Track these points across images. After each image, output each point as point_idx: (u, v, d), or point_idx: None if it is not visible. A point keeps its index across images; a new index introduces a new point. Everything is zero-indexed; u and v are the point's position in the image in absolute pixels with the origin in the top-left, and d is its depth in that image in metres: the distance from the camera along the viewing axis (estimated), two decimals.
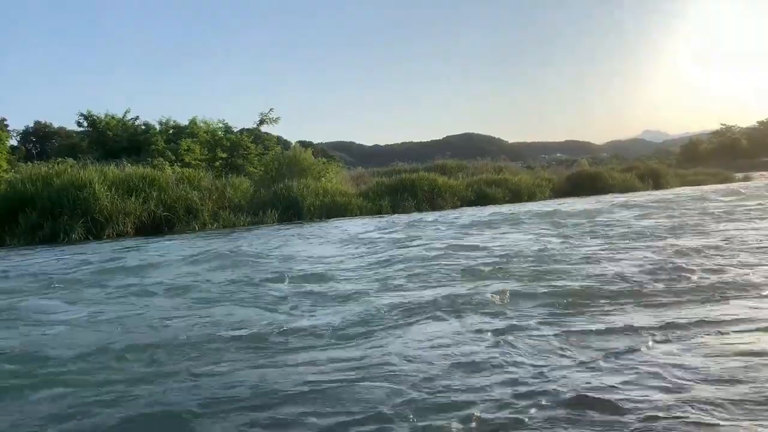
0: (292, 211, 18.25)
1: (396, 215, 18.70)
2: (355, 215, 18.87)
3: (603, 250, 7.72)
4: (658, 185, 32.73)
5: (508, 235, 10.17)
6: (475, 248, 8.34)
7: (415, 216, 17.72)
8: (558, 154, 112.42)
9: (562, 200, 23.70)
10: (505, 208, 18.84)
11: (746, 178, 39.47)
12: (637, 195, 24.34)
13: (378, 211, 19.70)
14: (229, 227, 16.29)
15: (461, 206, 22.00)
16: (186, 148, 25.99)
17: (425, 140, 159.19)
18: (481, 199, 23.51)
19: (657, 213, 13.49)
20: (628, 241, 8.44)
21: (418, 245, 9.13)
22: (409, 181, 22.45)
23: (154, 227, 15.76)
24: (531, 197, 25.59)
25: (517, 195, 25.11)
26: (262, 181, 21.75)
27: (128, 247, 11.41)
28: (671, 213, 13.26)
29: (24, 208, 14.57)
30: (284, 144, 33.87)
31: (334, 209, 18.94)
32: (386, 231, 12.44)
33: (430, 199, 21.87)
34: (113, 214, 14.99)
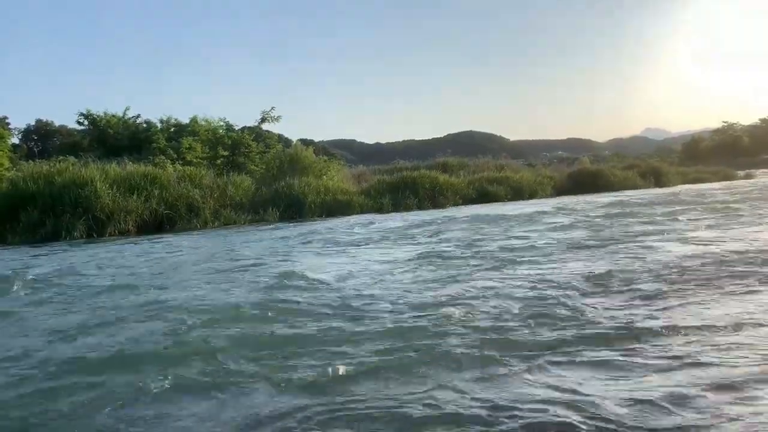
0: (293, 209, 18.26)
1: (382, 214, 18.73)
2: (357, 213, 18.87)
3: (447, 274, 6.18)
4: (659, 183, 32.72)
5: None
6: None
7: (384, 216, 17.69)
8: (559, 152, 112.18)
9: (559, 198, 23.70)
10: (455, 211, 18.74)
11: (748, 176, 39.45)
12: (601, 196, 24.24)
13: (379, 209, 19.70)
14: (230, 225, 16.31)
15: (462, 204, 22.02)
16: (187, 146, 26.02)
17: (426, 138, 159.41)
18: (482, 197, 23.51)
19: (587, 222, 11.38)
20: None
21: None
22: (410, 179, 22.44)
23: (155, 225, 15.78)
24: (532, 195, 25.59)
25: (518, 193, 25.09)
26: (263, 180, 21.76)
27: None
28: (604, 222, 11.13)
29: (25, 206, 14.58)
30: (285, 142, 33.88)
31: (335, 207, 18.94)
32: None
33: (431, 197, 21.87)
34: (115, 212, 14.99)
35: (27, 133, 45.96)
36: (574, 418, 2.51)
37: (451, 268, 6.55)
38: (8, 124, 30.69)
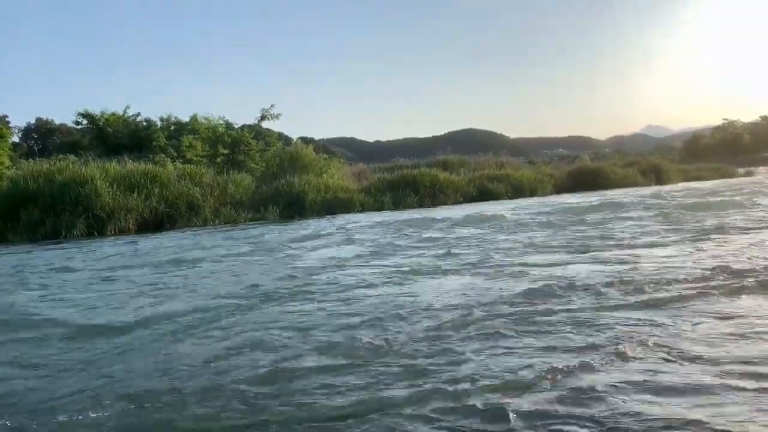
0: (293, 207, 18.25)
1: (395, 211, 18.71)
2: (357, 211, 18.86)
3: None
4: (660, 180, 32.68)
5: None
6: None
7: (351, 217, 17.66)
8: (560, 150, 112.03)
9: (559, 196, 23.70)
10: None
11: (748, 173, 39.41)
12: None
13: (380, 207, 19.69)
14: (230, 223, 16.31)
15: (463, 202, 22.01)
16: (188, 144, 26.03)
17: (426, 136, 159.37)
18: (483, 194, 23.49)
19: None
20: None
21: None
22: (410, 177, 22.43)
23: (155, 223, 15.77)
24: (533, 193, 25.60)
25: (519, 190, 25.09)
26: (263, 178, 21.74)
27: None
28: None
29: (26, 204, 14.58)
30: (285, 140, 33.87)
31: (335, 205, 18.93)
32: None
33: (432, 195, 21.85)
34: (115, 210, 14.99)
35: (27, 132, 45.97)
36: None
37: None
38: (8, 122, 30.71)
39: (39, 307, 5.32)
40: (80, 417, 2.69)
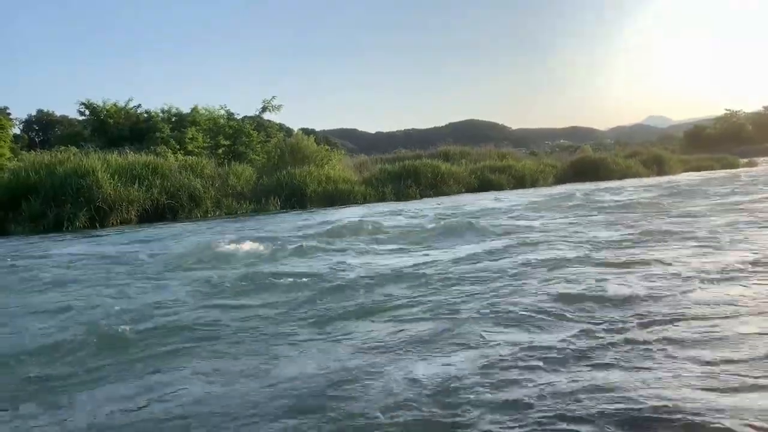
0: (294, 198, 18.24)
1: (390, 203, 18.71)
2: (359, 203, 18.85)
3: None
4: (662, 171, 32.63)
5: None
6: None
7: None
8: (562, 141, 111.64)
9: (558, 187, 23.65)
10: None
11: (751, 164, 39.33)
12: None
13: (382, 198, 19.68)
14: (232, 215, 16.32)
15: (465, 192, 22.01)
16: (191, 136, 26.02)
17: (428, 127, 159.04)
18: (484, 185, 23.48)
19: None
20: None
21: None
22: (412, 167, 22.39)
23: (157, 215, 15.78)
24: (534, 183, 25.58)
25: (520, 181, 25.08)
26: (264, 169, 21.71)
27: None
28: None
29: (27, 196, 14.58)
30: (287, 131, 33.78)
31: (337, 196, 18.92)
32: None
33: (433, 185, 21.84)
34: (117, 201, 14.98)
35: (28, 124, 46.05)
36: None
37: None
38: (9, 114, 30.68)
39: None
40: None
